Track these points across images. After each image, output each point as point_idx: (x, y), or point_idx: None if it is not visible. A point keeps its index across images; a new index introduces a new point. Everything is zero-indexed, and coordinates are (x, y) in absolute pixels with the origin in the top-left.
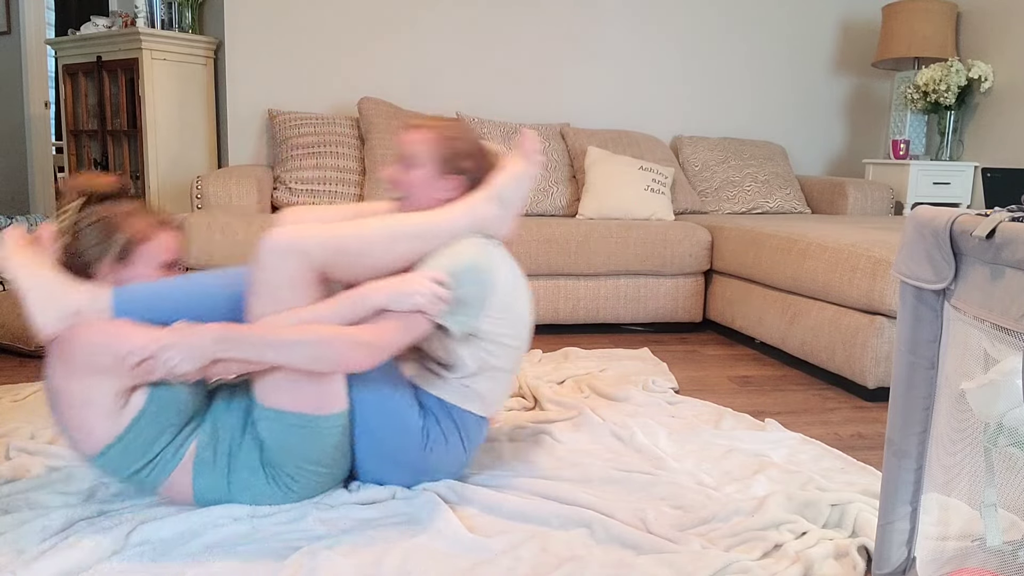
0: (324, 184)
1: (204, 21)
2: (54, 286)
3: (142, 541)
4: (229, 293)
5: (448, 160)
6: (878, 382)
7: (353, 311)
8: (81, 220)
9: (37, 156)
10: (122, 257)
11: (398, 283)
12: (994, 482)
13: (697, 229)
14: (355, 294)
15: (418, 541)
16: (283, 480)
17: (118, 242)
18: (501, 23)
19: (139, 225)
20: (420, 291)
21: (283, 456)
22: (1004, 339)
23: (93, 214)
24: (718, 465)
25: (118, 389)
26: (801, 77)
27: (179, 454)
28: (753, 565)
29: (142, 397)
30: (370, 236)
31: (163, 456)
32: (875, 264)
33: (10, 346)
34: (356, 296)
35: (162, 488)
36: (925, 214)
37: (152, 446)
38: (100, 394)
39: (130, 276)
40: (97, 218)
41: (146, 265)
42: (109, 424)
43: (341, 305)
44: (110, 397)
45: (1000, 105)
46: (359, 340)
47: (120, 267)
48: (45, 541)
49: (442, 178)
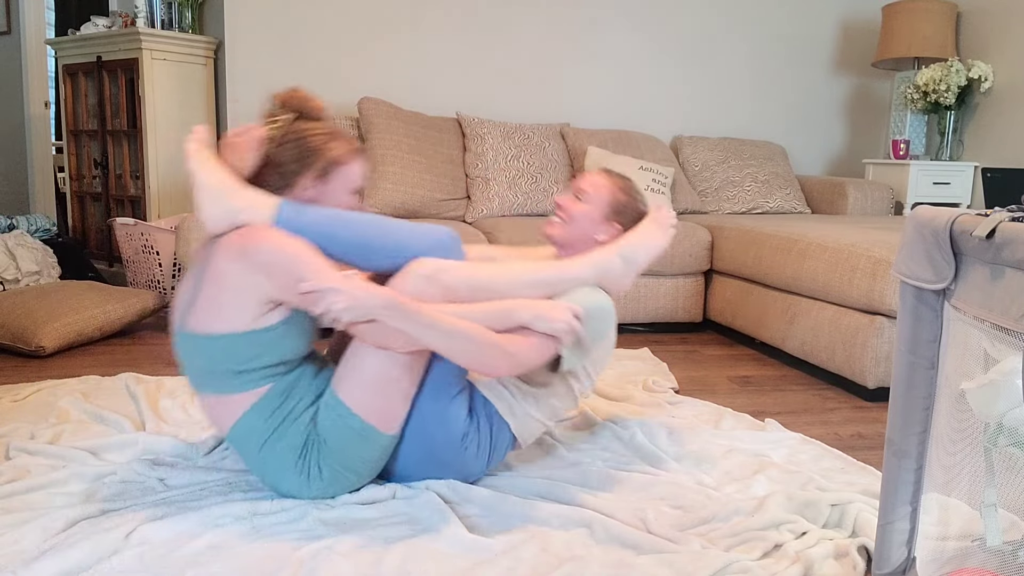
0: None
1: (204, 21)
2: (226, 186)
3: (142, 541)
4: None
5: (615, 210)
6: (878, 382)
7: (499, 321)
8: (289, 134)
9: (37, 156)
10: (321, 175)
11: (545, 307)
12: (994, 482)
13: (697, 229)
14: (504, 307)
15: (418, 541)
16: (311, 470)
17: (321, 161)
18: (501, 23)
19: (341, 148)
20: (561, 319)
21: (326, 448)
22: (1004, 339)
23: (301, 130)
24: (718, 465)
25: (271, 299)
26: (801, 77)
27: (254, 384)
28: (753, 565)
29: (279, 317)
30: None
31: (247, 376)
32: (875, 264)
33: (10, 346)
34: (504, 309)
35: (217, 398)
36: (925, 214)
37: (250, 361)
38: (253, 292)
39: (324, 194)
40: (305, 135)
41: (341, 187)
42: (241, 319)
43: (488, 313)
44: (259, 300)
45: (1000, 105)
46: (508, 350)
47: (317, 184)
48: (45, 541)
49: (604, 222)
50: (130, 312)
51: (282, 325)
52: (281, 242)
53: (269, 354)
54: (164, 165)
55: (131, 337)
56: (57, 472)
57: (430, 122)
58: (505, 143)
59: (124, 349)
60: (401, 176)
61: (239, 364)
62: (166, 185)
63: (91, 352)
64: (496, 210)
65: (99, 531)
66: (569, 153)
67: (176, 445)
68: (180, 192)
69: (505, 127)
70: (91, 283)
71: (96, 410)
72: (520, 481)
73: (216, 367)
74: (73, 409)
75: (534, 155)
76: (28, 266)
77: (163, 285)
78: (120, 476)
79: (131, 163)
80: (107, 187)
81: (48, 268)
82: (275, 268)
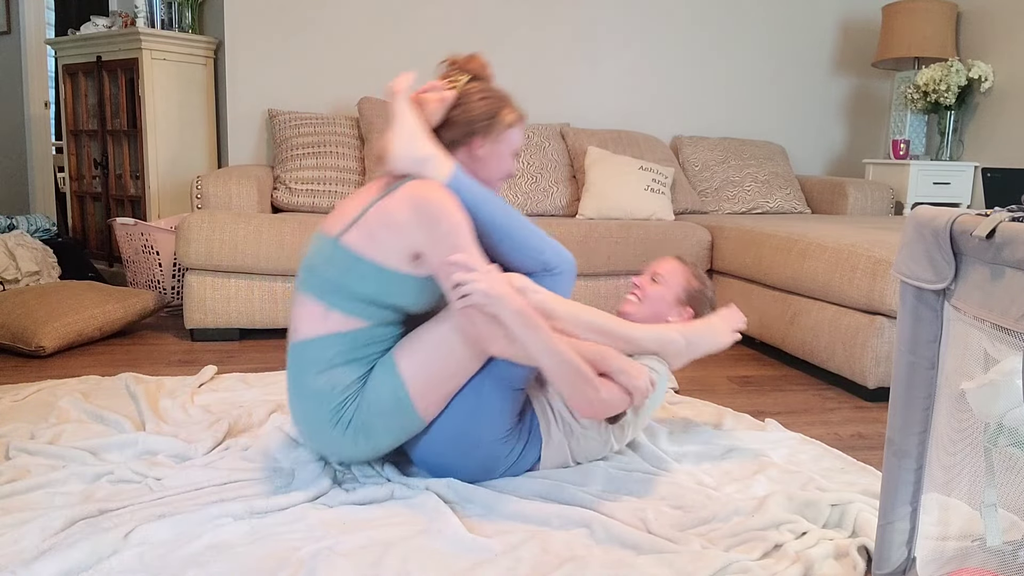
0: (324, 184)
1: (204, 21)
2: (419, 133)
3: (141, 541)
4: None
5: (688, 295)
6: (878, 382)
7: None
8: (470, 94)
9: (37, 156)
10: (494, 136)
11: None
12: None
13: (697, 229)
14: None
15: (418, 541)
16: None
17: (497, 122)
18: (501, 23)
19: (513, 112)
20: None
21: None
22: (1004, 339)
23: (483, 91)
24: (718, 465)
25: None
26: (801, 77)
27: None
28: (753, 565)
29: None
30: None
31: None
32: (875, 264)
33: (10, 346)
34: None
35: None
36: (925, 214)
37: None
38: (409, 239)
39: (493, 154)
40: (488, 96)
41: (507, 148)
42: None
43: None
44: (409, 248)
45: (1000, 105)
46: (600, 392)
47: (488, 144)
48: (44, 541)
49: (677, 305)
50: (130, 312)
51: (416, 280)
52: (453, 208)
53: (390, 297)
54: (164, 165)
55: (131, 337)
56: (56, 472)
57: None
58: None
59: (124, 349)
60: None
61: (361, 290)
62: (166, 185)
63: (91, 352)
64: None
65: (98, 531)
66: (569, 153)
67: (176, 445)
68: (180, 192)
69: None
70: (91, 283)
71: (96, 410)
72: (520, 481)
73: (342, 282)
74: (73, 409)
75: (534, 155)
76: (28, 266)
77: (163, 285)
78: (118, 476)
79: (131, 163)
80: (107, 187)
81: (48, 268)
82: (439, 229)
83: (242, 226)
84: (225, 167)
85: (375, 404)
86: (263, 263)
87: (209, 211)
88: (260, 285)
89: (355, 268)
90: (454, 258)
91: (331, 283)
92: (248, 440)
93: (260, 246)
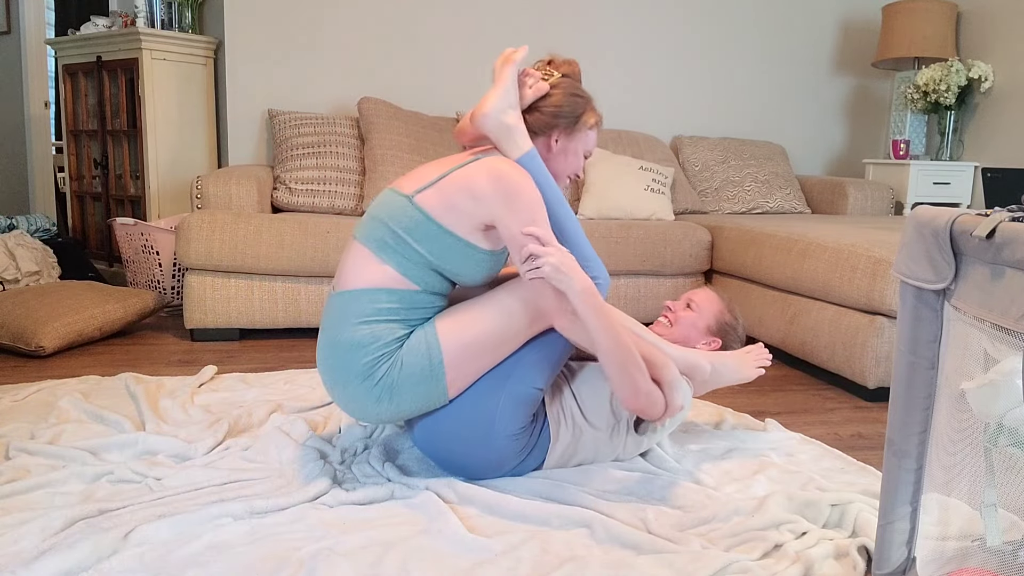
0: (324, 184)
1: (204, 21)
2: (512, 103)
3: (141, 541)
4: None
5: (719, 326)
6: (878, 382)
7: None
8: (561, 88)
9: (37, 156)
10: (571, 133)
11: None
12: (994, 482)
13: (697, 229)
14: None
15: (418, 541)
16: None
17: (579, 120)
18: (501, 23)
19: (594, 114)
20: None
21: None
22: (1004, 339)
23: (573, 90)
24: (718, 465)
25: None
26: (801, 77)
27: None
28: (753, 565)
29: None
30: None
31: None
32: (875, 264)
33: (10, 346)
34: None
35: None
36: (925, 214)
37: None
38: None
39: (566, 150)
40: (577, 95)
41: (581, 147)
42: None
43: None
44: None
45: (1000, 105)
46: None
47: (567, 139)
48: (44, 541)
49: (707, 333)
50: (130, 312)
51: (480, 253)
52: (532, 185)
53: (450, 263)
54: (164, 165)
55: (131, 337)
56: (56, 472)
57: (430, 122)
58: None
59: (124, 349)
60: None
61: (424, 252)
62: (166, 185)
63: (91, 352)
64: None
65: (98, 531)
66: None
67: (176, 445)
68: (180, 192)
69: None
70: (91, 283)
71: (96, 410)
72: (520, 481)
73: (406, 240)
74: (73, 409)
75: None
76: (28, 266)
77: (163, 285)
78: (118, 476)
79: (131, 163)
80: (107, 187)
81: (48, 268)
82: (518, 202)
83: (242, 226)
84: (225, 167)
85: (408, 366)
86: (263, 263)
87: (209, 211)
88: (260, 285)
89: (424, 228)
90: (530, 230)
91: (395, 239)
92: (248, 440)
93: (260, 246)
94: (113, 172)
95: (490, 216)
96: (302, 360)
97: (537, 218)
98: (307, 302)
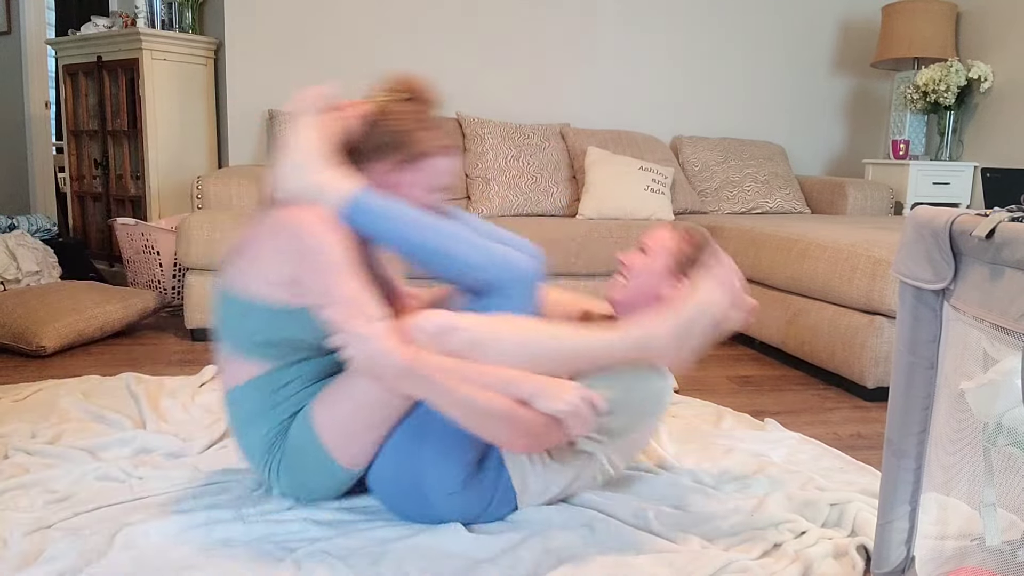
0: None
1: (204, 21)
2: (312, 160)
3: (130, 545)
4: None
5: (679, 262)
6: (877, 382)
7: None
8: (389, 112)
9: (37, 156)
10: (407, 162)
11: (549, 384)
12: (993, 482)
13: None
14: (507, 376)
15: (417, 541)
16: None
17: (412, 147)
18: (501, 23)
19: (435, 139)
20: (566, 400)
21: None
22: (1003, 339)
23: (402, 112)
24: (718, 465)
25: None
26: (801, 77)
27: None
28: (752, 564)
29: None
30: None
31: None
32: (875, 264)
33: (11, 346)
34: (507, 379)
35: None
36: (925, 214)
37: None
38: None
39: (400, 185)
40: (404, 117)
41: (421, 180)
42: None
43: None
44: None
45: (1000, 105)
46: (531, 430)
47: (399, 171)
48: (33, 543)
49: (668, 275)
50: (131, 312)
51: (299, 311)
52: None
53: (279, 332)
54: (164, 165)
55: (131, 337)
56: (51, 471)
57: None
58: (505, 143)
59: (124, 349)
60: None
61: (250, 331)
62: (166, 185)
63: (91, 352)
64: (496, 210)
65: (89, 534)
66: (569, 153)
67: (172, 443)
68: (180, 192)
69: (505, 127)
70: (92, 283)
71: (96, 410)
72: None
73: (233, 327)
74: (73, 409)
75: (534, 155)
76: (29, 266)
77: (163, 285)
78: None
79: (131, 163)
80: (107, 187)
81: (49, 268)
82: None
83: (242, 226)
84: (225, 167)
85: (297, 453)
86: None
87: (209, 211)
88: None
89: (236, 309)
90: (325, 314)
91: (232, 332)
92: None
93: None
94: (113, 172)
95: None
96: None
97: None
98: None
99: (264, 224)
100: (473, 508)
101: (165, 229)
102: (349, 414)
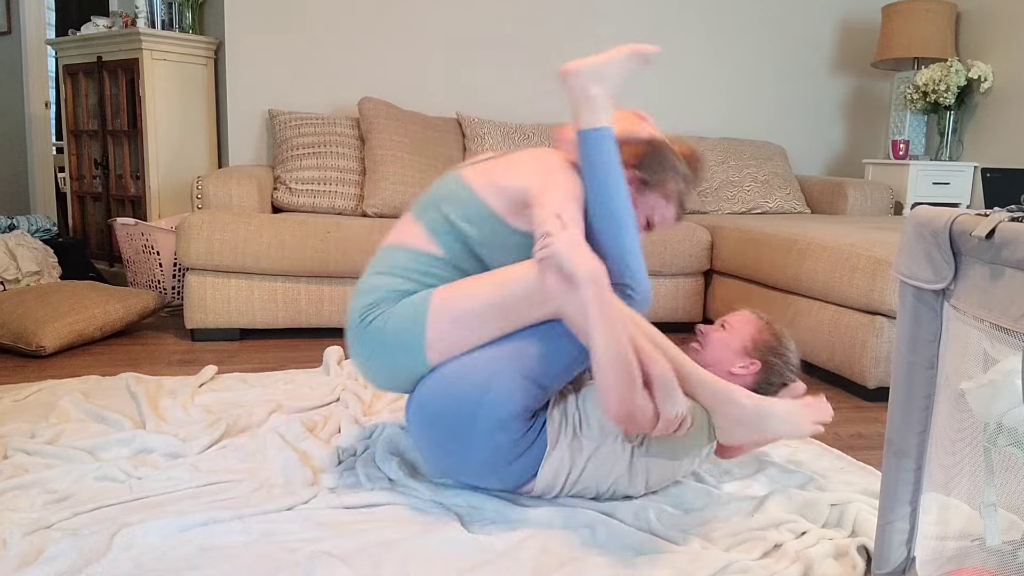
0: (324, 184)
1: (204, 21)
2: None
3: (129, 545)
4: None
5: (759, 347)
6: (878, 382)
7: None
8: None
9: (37, 156)
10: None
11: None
12: (994, 482)
13: (697, 229)
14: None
15: (418, 541)
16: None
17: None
18: (501, 23)
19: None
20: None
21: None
22: (1004, 339)
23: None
24: (718, 465)
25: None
26: (801, 77)
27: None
28: (753, 565)
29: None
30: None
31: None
32: (875, 264)
33: (11, 346)
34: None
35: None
36: (925, 214)
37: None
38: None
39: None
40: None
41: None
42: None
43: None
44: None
45: (1000, 105)
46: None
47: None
48: (32, 543)
49: (742, 354)
50: (130, 312)
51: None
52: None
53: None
54: (164, 165)
55: (131, 337)
56: (51, 471)
57: (430, 122)
58: (505, 143)
59: (124, 349)
60: (401, 176)
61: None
62: (166, 185)
63: (91, 352)
64: None
65: (87, 534)
66: None
67: (171, 443)
68: (180, 192)
69: (505, 127)
70: (92, 283)
71: (96, 410)
72: None
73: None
74: (73, 409)
75: None
76: (29, 266)
77: (163, 285)
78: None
79: (131, 163)
80: (107, 187)
81: (49, 268)
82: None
83: (242, 226)
84: (225, 167)
85: (396, 318)
86: (263, 263)
87: (209, 211)
88: (260, 285)
89: (461, 194)
90: (553, 209)
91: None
92: (246, 440)
93: (260, 246)
94: (113, 172)
95: (525, 194)
96: (302, 360)
97: (566, 202)
98: (307, 302)
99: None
100: (503, 452)
101: (165, 229)
102: (466, 303)
